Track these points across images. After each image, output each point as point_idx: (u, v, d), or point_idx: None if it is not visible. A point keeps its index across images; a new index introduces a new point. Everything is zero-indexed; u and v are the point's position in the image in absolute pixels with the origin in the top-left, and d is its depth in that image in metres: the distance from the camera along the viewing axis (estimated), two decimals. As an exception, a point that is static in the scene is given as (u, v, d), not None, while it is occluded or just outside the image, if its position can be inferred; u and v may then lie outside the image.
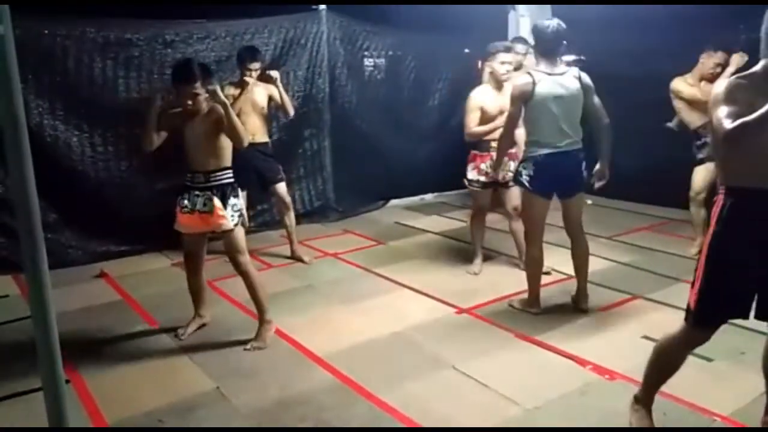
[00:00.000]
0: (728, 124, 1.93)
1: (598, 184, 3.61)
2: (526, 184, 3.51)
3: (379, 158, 6.29)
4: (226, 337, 3.38)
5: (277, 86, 4.60)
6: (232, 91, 4.48)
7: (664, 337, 2.35)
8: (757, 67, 2.08)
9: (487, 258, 4.62)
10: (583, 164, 3.52)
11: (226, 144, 3.22)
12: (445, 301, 3.88)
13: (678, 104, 4.53)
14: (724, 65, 4.23)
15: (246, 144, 3.20)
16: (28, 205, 1.18)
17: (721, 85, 2.07)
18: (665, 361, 2.34)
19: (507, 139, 3.66)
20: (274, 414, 2.66)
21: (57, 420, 1.29)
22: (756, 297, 2.14)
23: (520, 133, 3.90)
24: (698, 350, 2.84)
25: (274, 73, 4.61)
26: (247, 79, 4.47)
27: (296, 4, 5.62)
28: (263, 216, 5.49)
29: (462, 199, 6.51)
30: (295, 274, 4.52)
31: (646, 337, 3.25)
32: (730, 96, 2.00)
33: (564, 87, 3.37)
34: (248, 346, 3.25)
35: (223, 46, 5.23)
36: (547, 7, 6.47)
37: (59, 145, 4.66)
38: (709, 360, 2.95)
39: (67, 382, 2.92)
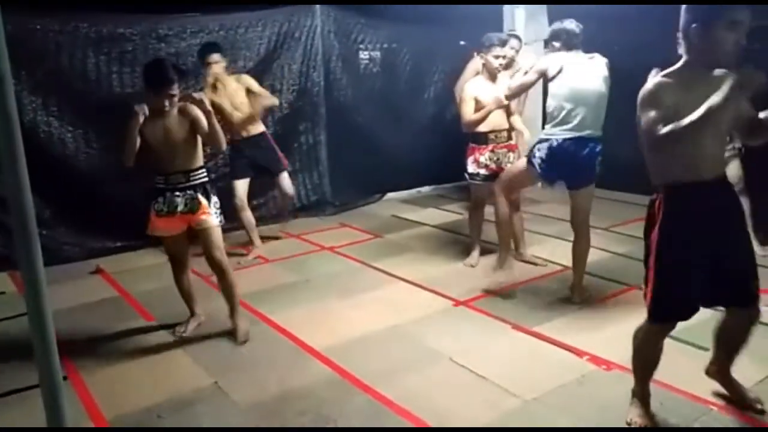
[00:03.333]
0: (660, 130, 1.98)
1: None
2: (536, 166, 3.52)
3: (375, 151, 6.29)
4: (223, 332, 3.38)
5: (246, 80, 4.62)
6: (210, 94, 4.39)
7: (635, 331, 2.41)
8: (680, 65, 2.13)
9: (485, 250, 4.62)
10: (599, 156, 3.50)
11: (200, 142, 3.22)
12: (443, 293, 3.89)
13: None
14: None
15: (224, 147, 3.29)
16: (22, 202, 1.17)
17: (647, 87, 2.11)
18: (643, 354, 2.39)
19: (511, 99, 3.77)
20: (273, 408, 2.66)
21: (54, 417, 1.29)
22: (710, 283, 2.21)
23: (519, 123, 3.92)
24: (693, 339, 2.89)
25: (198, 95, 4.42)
26: (212, 72, 4.45)
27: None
28: (259, 211, 5.48)
29: (458, 192, 6.51)
30: (293, 268, 4.52)
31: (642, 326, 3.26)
32: (656, 98, 2.05)
33: (592, 71, 3.40)
34: (238, 342, 3.24)
35: (216, 40, 5.19)
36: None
37: (53, 141, 4.65)
38: (704, 349, 2.96)
39: (65, 378, 2.92)
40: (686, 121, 1.93)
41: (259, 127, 4.74)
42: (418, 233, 5.39)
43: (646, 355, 2.39)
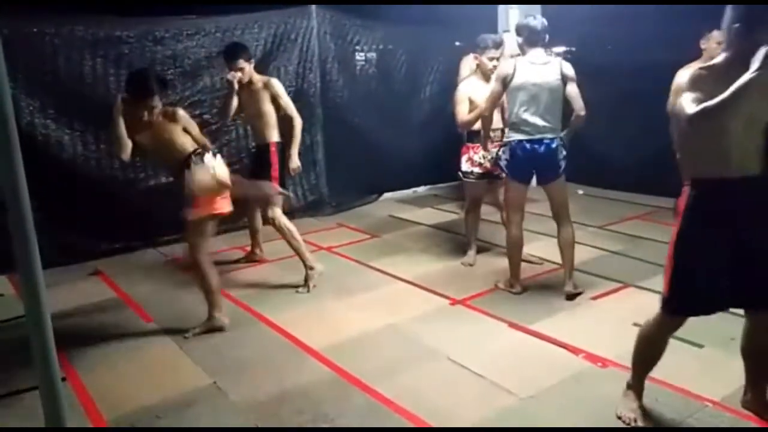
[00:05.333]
0: (690, 109, 1.98)
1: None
2: (504, 168, 3.69)
3: (371, 152, 6.31)
4: (220, 333, 3.39)
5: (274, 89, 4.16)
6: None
7: (644, 323, 2.41)
8: (719, 60, 2.12)
9: (481, 249, 4.64)
10: (562, 152, 3.60)
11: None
12: (440, 292, 3.91)
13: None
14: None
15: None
16: (19, 204, 1.19)
17: (684, 75, 2.11)
18: (647, 345, 2.40)
19: (488, 117, 3.86)
20: (271, 407, 2.68)
21: (54, 418, 1.30)
22: (731, 284, 2.17)
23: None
24: (689, 336, 2.91)
25: (236, 75, 4.01)
26: (229, 77, 4.00)
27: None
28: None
29: (455, 191, 6.53)
30: (289, 268, 4.51)
31: (637, 324, 3.25)
32: (693, 85, 2.04)
33: (543, 76, 3.51)
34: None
35: (213, 41, 5.23)
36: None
37: (51, 143, 4.65)
38: (699, 346, 2.99)
39: (64, 380, 2.93)
40: (716, 100, 1.90)
41: (269, 138, 4.21)
42: (415, 233, 5.40)
43: (650, 349, 2.39)
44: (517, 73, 3.51)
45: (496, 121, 4.20)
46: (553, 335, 3.24)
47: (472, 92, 4.14)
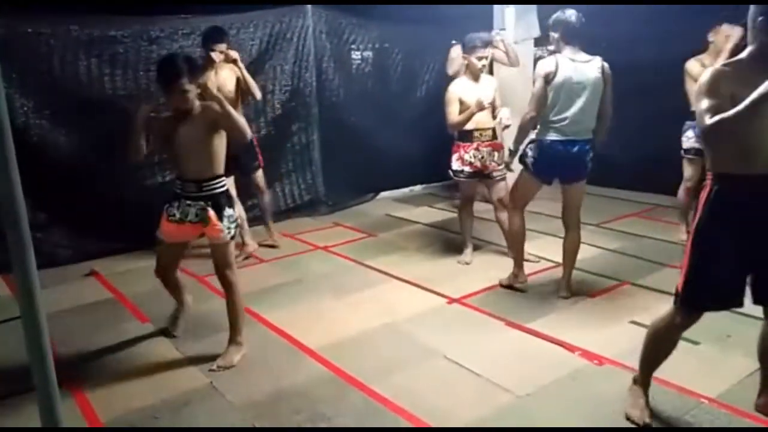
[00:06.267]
0: (708, 120, 1.96)
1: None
2: (530, 165, 3.57)
3: (368, 151, 6.31)
4: (217, 333, 3.37)
5: (239, 67, 4.47)
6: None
7: (655, 320, 2.40)
8: (743, 55, 2.10)
9: (476, 248, 4.65)
10: (590, 154, 3.52)
11: (221, 149, 3.02)
12: (436, 291, 3.91)
13: (690, 86, 4.28)
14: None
15: (249, 136, 3.08)
16: (14, 205, 1.18)
17: (705, 75, 2.08)
18: (657, 343, 2.39)
19: (534, 120, 3.50)
20: (268, 407, 2.68)
21: (50, 419, 1.29)
22: (751, 281, 2.18)
23: (505, 120, 3.96)
24: (685, 333, 2.89)
25: (233, 53, 4.46)
26: (213, 55, 4.37)
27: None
28: (253, 211, 5.49)
29: (451, 190, 6.53)
30: (287, 268, 4.53)
31: (634, 323, 3.29)
32: (713, 87, 2.02)
33: (585, 75, 3.39)
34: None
35: (208, 41, 5.20)
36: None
37: (46, 143, 4.63)
38: (695, 343, 3.00)
39: (59, 381, 2.93)
40: (733, 112, 1.89)
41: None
42: (411, 232, 5.41)
43: (660, 346, 2.38)
44: (559, 71, 3.35)
45: (486, 121, 4.20)
46: (549, 333, 3.24)
47: (462, 93, 4.14)
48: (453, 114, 4.14)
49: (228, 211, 3.02)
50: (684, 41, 4.54)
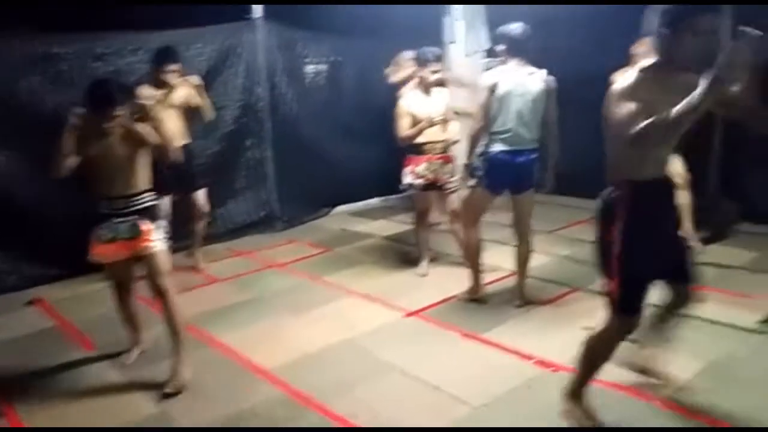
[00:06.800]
0: (633, 128, 1.99)
1: (542, 191, 3.72)
2: (479, 178, 3.61)
3: (323, 165, 6.28)
4: (168, 358, 3.27)
5: (200, 92, 4.47)
6: (150, 92, 4.33)
7: (593, 332, 2.40)
8: (655, 63, 2.13)
9: (433, 259, 4.68)
10: (536, 163, 3.60)
11: (147, 163, 3.05)
12: (393, 305, 3.91)
13: None
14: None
15: (175, 156, 3.10)
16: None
17: (627, 80, 2.11)
18: (598, 353, 2.39)
19: (482, 132, 3.55)
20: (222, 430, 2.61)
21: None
22: (672, 268, 2.34)
23: (454, 135, 4.00)
24: (632, 336, 2.97)
25: (195, 79, 4.47)
26: (167, 80, 4.33)
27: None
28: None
29: (407, 203, 6.53)
30: (241, 287, 4.45)
31: (587, 328, 3.34)
32: (634, 92, 2.05)
33: (528, 87, 3.45)
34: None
35: (157, 57, 5.10)
36: (481, 9, 6.61)
37: (-16, 165, 4.45)
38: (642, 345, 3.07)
39: (1, 416, 2.80)
40: (663, 116, 1.91)
41: (185, 140, 4.55)
42: (368, 245, 5.40)
43: (599, 356, 2.39)
44: (501, 83, 3.43)
45: (437, 135, 4.24)
46: (505, 343, 3.27)
47: (413, 106, 4.18)
48: (404, 127, 4.17)
49: (160, 222, 3.05)
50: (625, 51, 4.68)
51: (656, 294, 2.39)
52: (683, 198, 3.91)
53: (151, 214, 3.05)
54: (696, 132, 2.29)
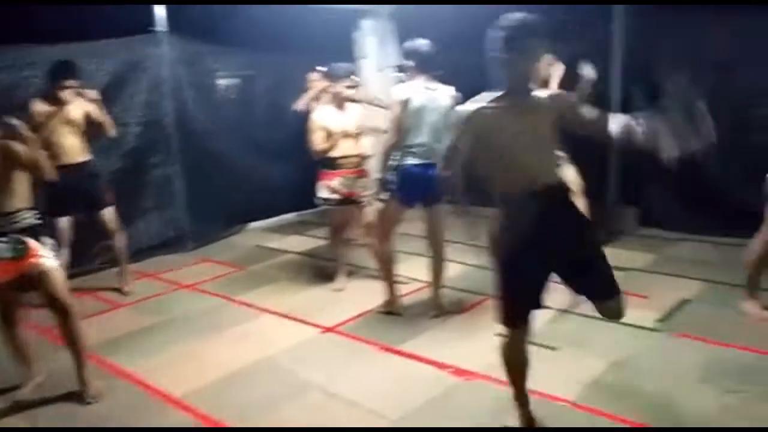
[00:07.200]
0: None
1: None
2: (391, 191, 3.63)
3: (235, 181, 6.11)
4: (69, 390, 3.03)
5: (98, 106, 4.24)
6: (44, 108, 4.09)
7: (499, 341, 2.45)
8: (497, 89, 2.26)
9: (350, 273, 4.65)
10: None
11: (26, 180, 2.89)
12: (310, 321, 3.84)
13: None
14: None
15: (52, 176, 2.94)
16: None
17: (464, 110, 2.28)
18: (510, 359, 2.44)
19: (394, 146, 3.57)
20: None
21: None
22: (555, 277, 2.33)
23: (367, 148, 4.01)
24: (543, 341, 3.08)
25: (92, 93, 4.24)
26: (64, 96, 4.10)
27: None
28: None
29: (322, 217, 6.49)
30: (148, 311, 4.22)
31: (500, 335, 3.42)
32: (466, 123, 2.26)
33: (437, 102, 3.51)
34: (90, 399, 2.93)
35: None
36: (391, 28, 6.73)
37: None
38: (553, 349, 3.18)
39: None
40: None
41: (86, 156, 4.31)
42: (283, 262, 5.30)
43: (514, 362, 2.44)
44: (414, 98, 3.46)
45: (352, 149, 4.25)
46: (422, 353, 3.29)
47: (326, 120, 4.16)
48: (317, 141, 4.14)
49: (45, 240, 2.92)
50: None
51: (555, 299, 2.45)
52: (580, 204, 4.11)
53: (32, 233, 2.86)
54: (592, 145, 2.43)
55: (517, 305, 2.34)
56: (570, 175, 4.23)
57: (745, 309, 3.56)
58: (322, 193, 4.31)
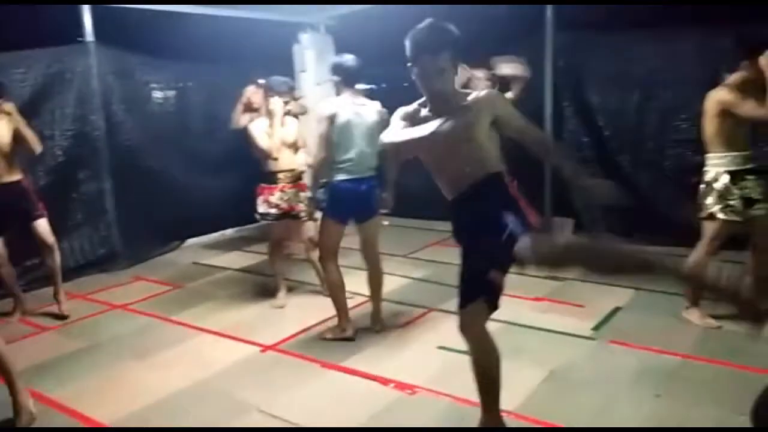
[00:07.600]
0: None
1: (384, 211, 3.78)
2: (325, 209, 3.59)
3: (170, 196, 5.92)
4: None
5: (16, 120, 3.99)
6: None
7: (477, 349, 2.42)
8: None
9: (291, 289, 4.57)
10: (377, 190, 3.63)
11: None
12: (250, 340, 3.74)
13: None
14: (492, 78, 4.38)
15: None
16: None
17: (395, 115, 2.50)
18: (490, 363, 2.42)
19: (325, 162, 3.53)
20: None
21: None
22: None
23: (301, 164, 3.98)
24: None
25: (8, 106, 3.98)
26: None
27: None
28: (34, 272, 4.83)
29: (262, 232, 6.39)
30: (76, 334, 4.01)
31: (442, 347, 3.44)
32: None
33: (364, 117, 3.50)
34: (23, 424, 2.76)
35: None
36: (330, 41, 6.74)
37: None
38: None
39: None
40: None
41: (15, 176, 4.08)
42: (222, 279, 5.16)
43: (493, 362, 2.44)
44: (341, 113, 3.43)
45: (291, 163, 4.21)
46: (364, 369, 3.25)
47: (264, 132, 4.11)
48: (263, 142, 4.08)
49: None
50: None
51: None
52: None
53: None
54: (527, 157, 2.49)
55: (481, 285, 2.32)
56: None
57: (689, 317, 3.64)
58: (261, 207, 4.23)
